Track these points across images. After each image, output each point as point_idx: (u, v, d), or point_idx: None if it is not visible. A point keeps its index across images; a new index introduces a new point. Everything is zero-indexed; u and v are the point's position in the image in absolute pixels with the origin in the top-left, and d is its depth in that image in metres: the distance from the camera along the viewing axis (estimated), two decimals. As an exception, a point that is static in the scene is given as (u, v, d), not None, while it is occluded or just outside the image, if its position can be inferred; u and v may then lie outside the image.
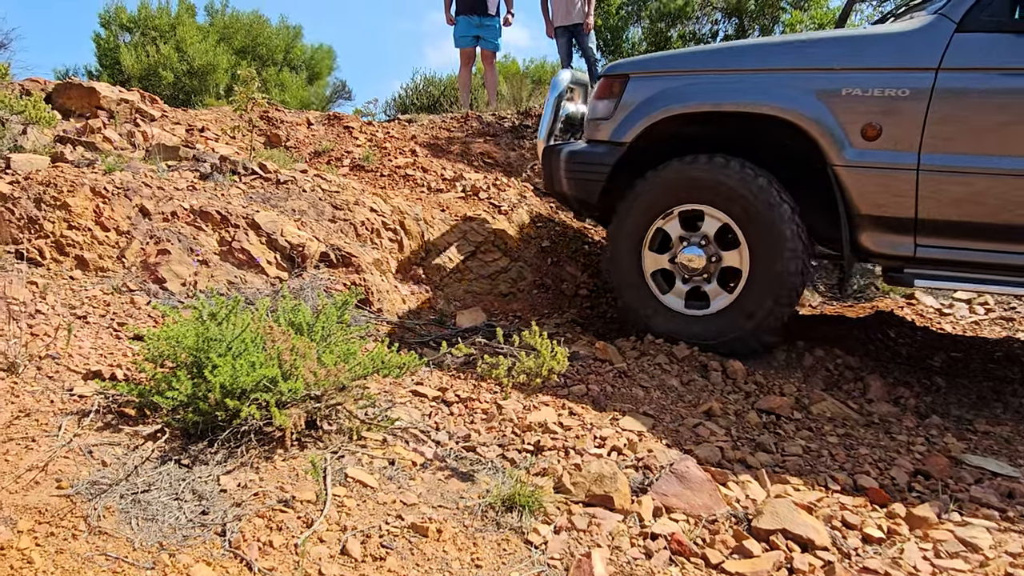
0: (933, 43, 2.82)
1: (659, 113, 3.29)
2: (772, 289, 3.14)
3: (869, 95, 2.89)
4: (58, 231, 3.18)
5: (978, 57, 2.78)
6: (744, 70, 3.19)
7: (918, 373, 3.48)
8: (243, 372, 2.00)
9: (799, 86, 3.02)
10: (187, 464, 1.94)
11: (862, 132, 2.91)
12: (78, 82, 5.34)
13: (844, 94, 2.93)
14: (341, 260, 3.70)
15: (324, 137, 6.04)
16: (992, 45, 2.76)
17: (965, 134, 2.81)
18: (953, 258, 2.94)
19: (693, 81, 3.28)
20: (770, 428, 2.68)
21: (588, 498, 1.98)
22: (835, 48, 3.06)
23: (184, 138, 5.15)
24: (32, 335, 2.47)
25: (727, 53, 3.40)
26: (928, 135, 2.83)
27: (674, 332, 3.36)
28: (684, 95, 3.26)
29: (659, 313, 3.42)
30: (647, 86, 3.36)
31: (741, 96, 3.14)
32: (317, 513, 1.79)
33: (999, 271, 2.90)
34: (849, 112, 2.93)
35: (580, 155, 3.58)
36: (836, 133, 2.96)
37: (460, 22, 7.11)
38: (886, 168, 2.92)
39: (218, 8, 15.21)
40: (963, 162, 2.82)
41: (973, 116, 2.80)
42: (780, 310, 3.18)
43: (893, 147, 2.89)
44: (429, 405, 2.58)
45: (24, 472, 1.80)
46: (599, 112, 3.51)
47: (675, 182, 3.32)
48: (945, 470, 2.36)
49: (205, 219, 3.53)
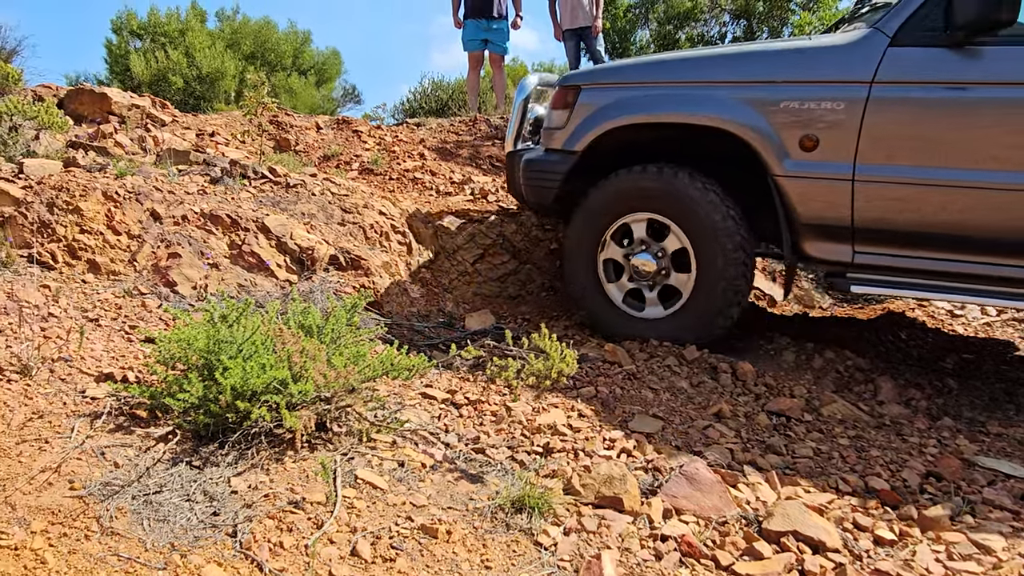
0: (867, 56, 2.87)
1: (607, 124, 3.37)
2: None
3: (806, 107, 2.96)
4: (70, 235, 3.20)
5: (910, 71, 2.83)
6: (688, 82, 3.27)
7: (929, 375, 3.45)
8: (254, 374, 2.01)
9: (740, 98, 3.09)
10: (198, 466, 1.95)
11: (800, 143, 2.98)
12: (90, 88, 5.39)
13: (782, 106, 3.00)
14: (350, 263, 3.71)
15: (333, 141, 6.07)
16: (924, 59, 2.81)
17: (898, 146, 2.86)
18: (890, 264, 3.00)
19: (640, 93, 3.36)
20: (780, 430, 2.67)
21: (598, 500, 1.98)
22: (774, 61, 3.13)
23: (194, 143, 5.18)
24: (45, 338, 2.49)
25: (673, 65, 3.44)
26: (863, 146, 2.89)
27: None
28: (631, 106, 3.34)
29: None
30: (597, 97, 3.44)
31: (684, 107, 3.22)
32: (327, 514, 1.79)
33: (938, 278, 2.96)
34: (787, 124, 3.00)
35: (536, 163, 3.69)
36: (775, 144, 3.02)
37: (468, 26, 7.12)
38: (823, 178, 2.99)
39: (228, 14, 15.32)
40: (896, 172, 2.88)
41: (905, 128, 2.86)
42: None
43: (829, 158, 2.95)
44: (438, 407, 2.59)
45: (38, 473, 1.82)
46: (554, 121, 3.60)
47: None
48: (957, 472, 2.34)
49: (215, 223, 3.55)
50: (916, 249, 2.94)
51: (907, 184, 2.86)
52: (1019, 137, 2.70)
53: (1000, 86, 2.72)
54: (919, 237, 2.92)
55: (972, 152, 2.77)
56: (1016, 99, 2.69)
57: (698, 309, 3.30)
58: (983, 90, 2.74)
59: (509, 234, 4.53)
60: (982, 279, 2.88)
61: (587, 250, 3.56)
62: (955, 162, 2.79)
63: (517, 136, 3.94)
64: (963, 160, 2.78)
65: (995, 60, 2.72)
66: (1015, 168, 2.71)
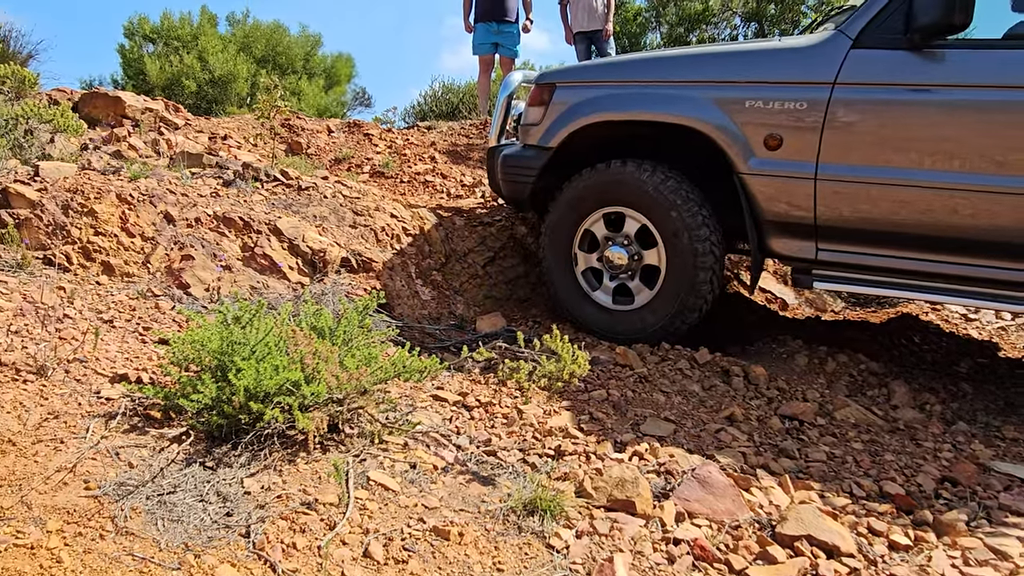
0: (830, 58, 2.94)
1: (580, 121, 3.46)
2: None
3: (770, 107, 3.02)
4: (85, 237, 3.23)
5: (871, 72, 2.89)
6: (658, 81, 3.34)
7: (944, 379, 3.43)
8: (267, 375, 2.02)
9: (707, 97, 3.16)
10: (211, 466, 1.96)
11: (764, 142, 3.05)
12: (104, 91, 5.43)
13: (748, 106, 3.07)
14: (362, 265, 3.72)
15: (344, 144, 6.09)
16: (885, 61, 2.86)
17: (858, 145, 2.91)
18: (852, 262, 3.07)
19: (612, 91, 3.43)
20: (793, 434, 2.65)
21: (610, 503, 1.97)
22: (740, 61, 3.21)
23: (207, 146, 5.21)
24: (60, 339, 2.51)
25: (643, 64, 3.52)
26: (825, 146, 2.95)
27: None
28: (602, 104, 3.42)
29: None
30: (571, 95, 3.53)
31: (653, 106, 3.30)
32: (340, 516, 1.80)
33: (901, 276, 3.02)
34: (753, 123, 3.07)
35: (512, 158, 3.80)
36: (741, 142, 3.10)
37: (479, 29, 7.12)
38: (787, 176, 3.05)
39: (239, 18, 15.41)
40: (856, 172, 2.93)
41: (865, 128, 2.90)
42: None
43: (793, 157, 3.01)
44: (450, 409, 2.59)
45: (53, 473, 1.83)
46: (530, 118, 3.70)
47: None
48: (973, 477, 2.32)
49: (228, 225, 3.57)
50: (877, 247, 3.00)
51: (867, 183, 2.92)
52: (976, 139, 2.75)
53: (957, 88, 2.78)
54: (880, 235, 2.98)
55: (930, 153, 2.81)
56: (972, 101, 2.74)
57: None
58: (941, 92, 2.80)
59: (520, 237, 4.53)
60: (945, 278, 2.94)
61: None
62: (914, 163, 2.84)
63: (500, 132, 4.05)
64: (922, 161, 2.83)
65: (952, 63, 2.78)
66: (972, 170, 2.75)
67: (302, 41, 16.02)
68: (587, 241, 3.64)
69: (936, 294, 2.98)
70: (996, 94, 2.70)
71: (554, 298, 3.79)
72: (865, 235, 3.00)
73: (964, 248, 2.85)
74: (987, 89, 2.72)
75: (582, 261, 3.66)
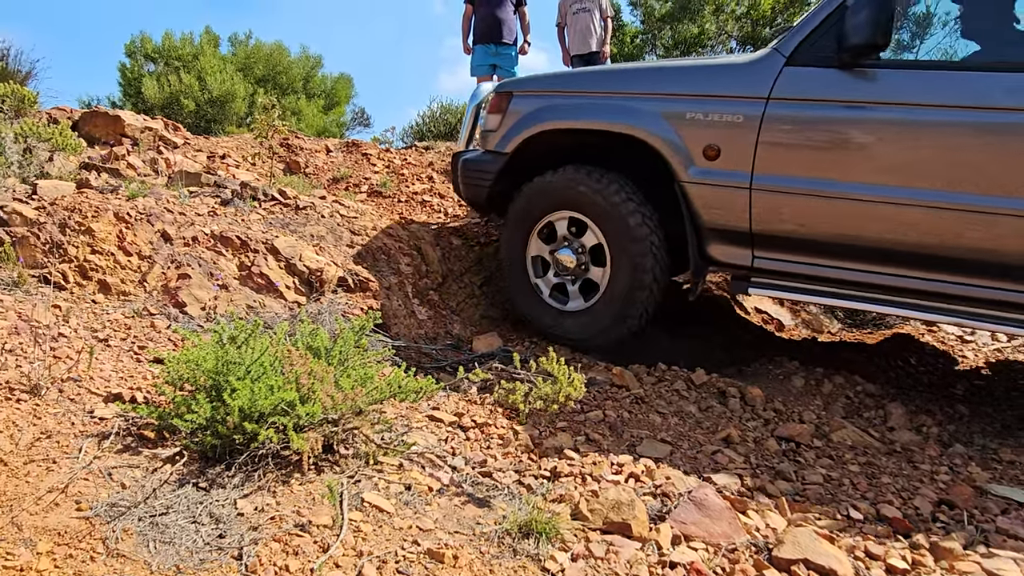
0: (765, 74, 3.06)
1: (533, 128, 3.63)
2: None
3: (709, 119, 3.16)
4: (82, 255, 3.23)
5: (802, 88, 3.00)
6: (605, 92, 3.49)
7: (940, 401, 3.43)
8: (261, 395, 2.01)
9: (650, 109, 3.31)
10: (205, 487, 1.94)
11: (704, 152, 3.17)
12: (103, 110, 5.46)
13: (688, 117, 3.20)
14: (359, 285, 3.72)
15: (342, 164, 6.11)
16: (815, 78, 2.98)
17: (790, 158, 3.03)
18: (787, 270, 3.17)
19: (563, 101, 3.62)
20: (790, 456, 2.65)
21: (606, 525, 1.96)
22: (682, 75, 3.37)
23: (206, 165, 5.23)
24: (55, 358, 2.50)
25: (593, 77, 3.69)
26: (759, 157, 3.06)
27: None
28: (553, 113, 3.60)
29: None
30: (526, 104, 3.70)
31: (599, 116, 3.46)
32: (333, 538, 1.78)
33: (835, 285, 3.10)
34: (693, 134, 3.20)
35: (471, 163, 3.98)
36: (682, 152, 3.22)
37: (477, 51, 7.19)
38: (724, 186, 3.16)
39: (241, 39, 15.54)
40: (788, 183, 3.04)
41: (796, 142, 3.03)
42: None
43: (730, 167, 3.13)
44: (445, 430, 2.58)
45: (45, 493, 1.81)
46: (489, 125, 3.87)
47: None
48: (970, 500, 2.31)
49: (225, 244, 3.57)
50: (810, 256, 3.10)
51: (798, 194, 3.03)
52: (900, 154, 2.84)
53: (882, 106, 2.87)
54: (811, 245, 3.07)
55: (856, 167, 2.91)
56: (894, 119, 2.85)
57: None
58: (868, 109, 2.89)
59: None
60: (876, 288, 3.02)
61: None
62: (841, 176, 2.94)
63: (469, 139, 4.19)
64: (848, 174, 2.93)
65: (878, 82, 2.89)
66: (893, 183, 2.85)
67: (302, 62, 16.13)
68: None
69: (867, 303, 3.06)
70: (917, 112, 2.82)
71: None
72: (798, 244, 3.10)
73: (889, 259, 2.95)
74: (909, 107, 2.83)
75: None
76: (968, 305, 2.87)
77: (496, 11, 7.04)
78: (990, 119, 2.70)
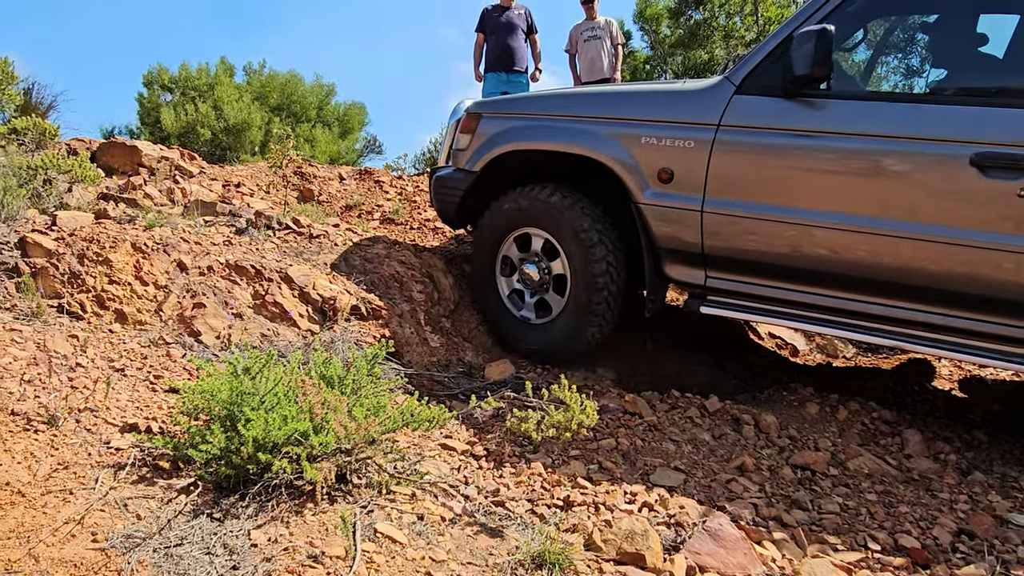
0: (716, 102, 3.18)
1: (498, 149, 3.80)
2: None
3: (663, 144, 3.28)
4: (99, 285, 3.27)
5: (750, 116, 3.11)
6: (566, 116, 3.63)
7: (958, 427, 3.39)
8: (275, 426, 2.02)
9: (608, 132, 3.44)
10: (219, 518, 1.95)
11: (658, 175, 3.30)
12: (121, 141, 5.56)
13: (643, 141, 3.33)
14: (371, 313, 3.74)
15: (355, 191, 6.18)
16: (763, 107, 3.09)
17: (738, 182, 3.14)
18: (739, 290, 3.26)
19: (526, 123, 3.78)
20: (805, 484, 2.62)
21: (619, 556, 1.94)
22: (638, 101, 3.49)
23: (221, 194, 5.31)
24: (72, 388, 2.53)
25: (555, 100, 3.79)
26: (710, 181, 3.17)
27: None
28: (516, 135, 3.76)
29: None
30: (493, 125, 3.88)
31: (559, 138, 3.61)
32: (346, 569, 1.78)
33: (784, 305, 3.19)
34: (647, 157, 3.32)
35: (443, 179, 4.16)
36: (638, 175, 3.35)
37: (489, 78, 7.28)
38: (677, 208, 3.28)
39: (256, 68, 15.81)
40: (736, 207, 3.14)
41: (744, 167, 3.12)
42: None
43: (682, 190, 3.25)
44: (458, 459, 2.57)
45: (61, 525, 1.83)
46: (460, 144, 4.04)
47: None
48: (990, 530, 2.28)
49: (240, 273, 3.61)
50: (759, 277, 3.19)
51: (746, 218, 3.13)
52: (839, 182, 2.95)
53: (824, 135, 2.95)
54: (760, 266, 3.17)
55: (800, 192, 3.01)
56: (837, 148, 2.93)
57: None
58: (810, 138, 2.98)
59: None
60: (826, 310, 3.09)
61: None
62: (786, 200, 3.04)
63: (448, 156, 4.29)
64: (793, 199, 3.02)
65: (821, 111, 2.98)
66: (835, 208, 2.94)
67: (316, 90, 16.40)
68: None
69: (818, 325, 3.12)
70: (856, 142, 2.90)
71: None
72: (746, 266, 3.19)
73: (833, 282, 3.03)
74: (849, 137, 2.91)
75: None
76: (911, 328, 2.95)
77: (508, 39, 7.14)
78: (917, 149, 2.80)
